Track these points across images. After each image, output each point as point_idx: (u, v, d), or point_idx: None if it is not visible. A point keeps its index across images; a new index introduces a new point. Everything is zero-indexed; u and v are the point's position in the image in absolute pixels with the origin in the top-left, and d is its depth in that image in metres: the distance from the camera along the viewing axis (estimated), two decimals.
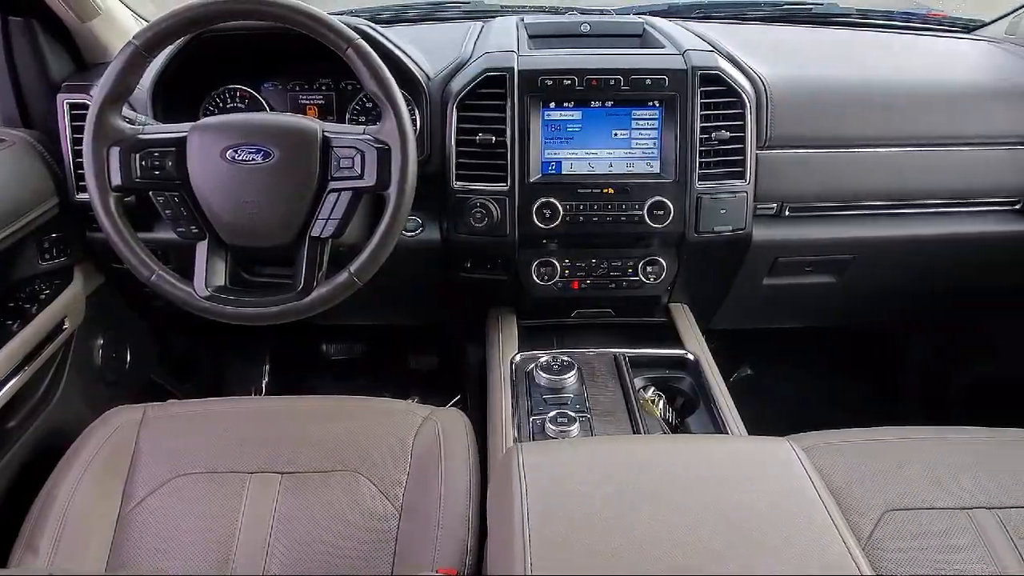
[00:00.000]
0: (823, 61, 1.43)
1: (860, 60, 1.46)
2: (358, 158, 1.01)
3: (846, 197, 1.31)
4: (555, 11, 1.64)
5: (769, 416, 1.45)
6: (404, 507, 1.02)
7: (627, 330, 1.36)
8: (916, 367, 1.92)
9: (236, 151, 1.01)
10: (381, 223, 1.02)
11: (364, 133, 1.02)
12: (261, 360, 1.94)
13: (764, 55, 1.33)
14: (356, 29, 1.10)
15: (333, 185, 1.02)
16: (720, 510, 0.70)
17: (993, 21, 1.61)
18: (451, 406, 1.84)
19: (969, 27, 1.63)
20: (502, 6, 1.65)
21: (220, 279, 1.06)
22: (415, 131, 1.23)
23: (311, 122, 1.03)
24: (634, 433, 1.06)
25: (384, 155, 1.01)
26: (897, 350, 1.94)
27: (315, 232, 1.03)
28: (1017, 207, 1.35)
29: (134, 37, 1.00)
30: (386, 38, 1.21)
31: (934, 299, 1.60)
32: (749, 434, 1.23)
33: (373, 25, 1.23)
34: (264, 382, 1.94)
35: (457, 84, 1.22)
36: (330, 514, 1.01)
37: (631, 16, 1.51)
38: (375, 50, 1.03)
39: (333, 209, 1.02)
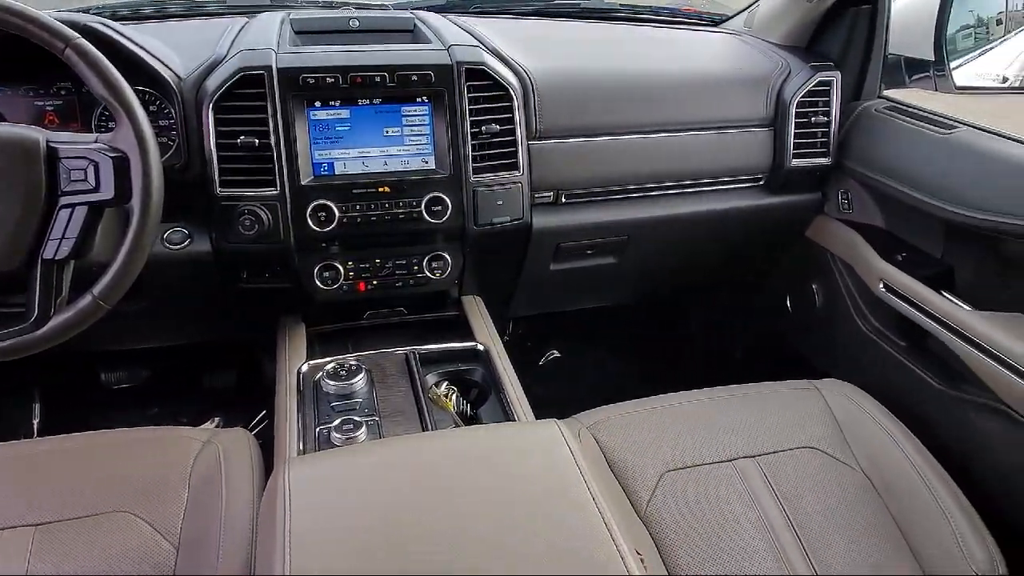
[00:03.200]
0: (587, 54, 1.50)
1: (621, 53, 1.55)
2: (91, 169, 0.91)
3: (615, 182, 1.39)
4: (328, 5, 1.59)
5: (575, 395, 1.51)
6: (182, 541, 0.95)
7: (420, 327, 1.36)
8: (703, 332, 2.09)
9: None
10: (126, 240, 0.93)
11: (96, 141, 0.93)
12: (29, 399, 1.73)
13: (531, 49, 1.38)
14: (81, 27, 1.00)
15: (65, 201, 0.92)
16: (485, 499, 0.72)
17: (736, 14, 1.77)
18: (255, 423, 1.77)
19: (716, 20, 1.79)
20: (271, 1, 1.57)
21: None
22: (175, 136, 1.15)
23: (30, 131, 0.92)
24: (423, 431, 1.06)
25: (121, 164, 0.92)
26: (688, 318, 2.10)
27: (48, 254, 0.92)
28: (761, 183, 1.50)
29: None
30: (123, 36, 1.11)
31: (706, 269, 1.74)
32: (551, 416, 1.28)
33: (106, 22, 1.12)
34: (35, 423, 1.73)
35: (212, 84, 1.14)
36: (95, 564, 0.92)
37: (403, 11, 1.49)
38: (107, 49, 0.94)
39: (67, 227, 0.92)
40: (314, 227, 1.18)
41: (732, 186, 1.48)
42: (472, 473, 0.75)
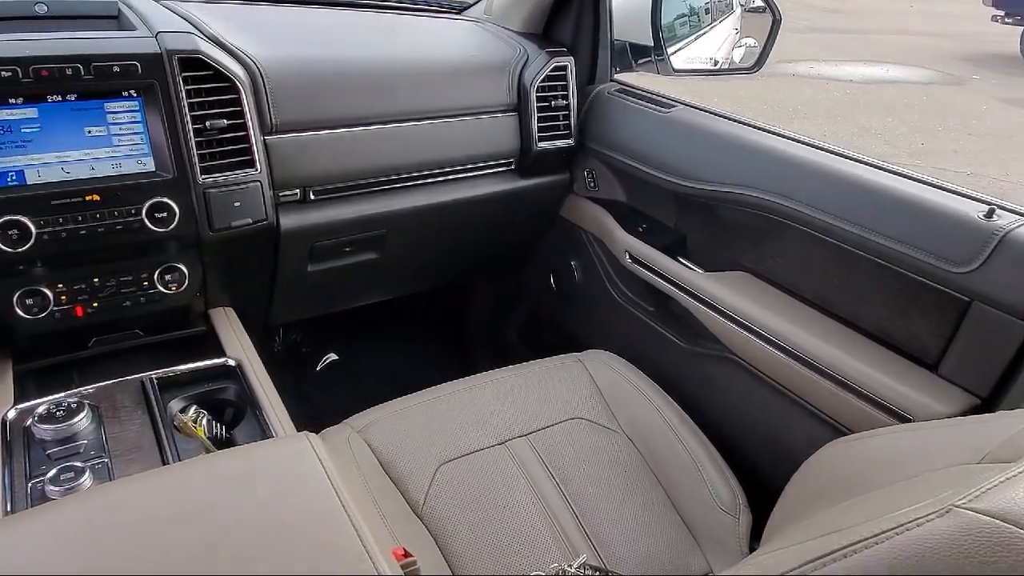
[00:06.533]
0: (325, 42, 1.43)
1: (361, 41, 1.49)
2: None
3: (365, 174, 1.34)
4: None
5: (358, 397, 1.44)
6: None
7: (162, 349, 1.21)
8: (479, 317, 2.11)
9: None
10: None
11: None
12: None
13: (259, 37, 1.28)
14: None
15: None
16: (224, 531, 0.64)
17: (476, 2, 1.79)
18: None
19: (457, 8, 1.80)
20: None
21: None
22: None
23: None
24: (164, 464, 0.95)
25: None
26: (465, 304, 2.11)
27: None
28: (512, 167, 1.53)
29: None
30: None
31: (470, 255, 1.76)
32: (332, 424, 1.21)
33: None
34: None
35: None
36: None
37: None
38: None
39: None
40: (4, 248, 1.00)
41: (485, 172, 1.50)
42: (209, 504, 0.67)
